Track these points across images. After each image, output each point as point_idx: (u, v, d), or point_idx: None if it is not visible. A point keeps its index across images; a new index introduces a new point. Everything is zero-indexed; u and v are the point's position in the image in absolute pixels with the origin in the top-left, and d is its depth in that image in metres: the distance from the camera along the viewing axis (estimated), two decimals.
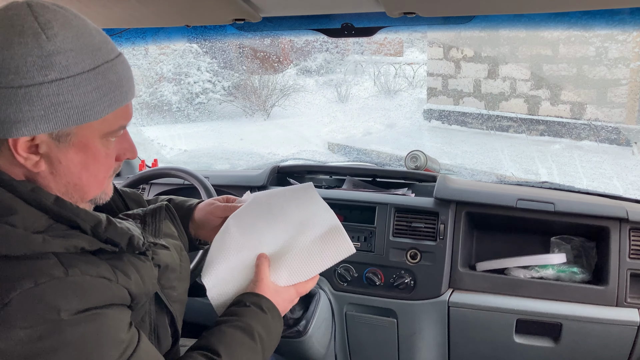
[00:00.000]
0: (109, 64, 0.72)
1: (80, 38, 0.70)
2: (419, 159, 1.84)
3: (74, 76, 0.68)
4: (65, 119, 0.68)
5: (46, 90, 0.66)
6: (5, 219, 0.67)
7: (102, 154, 0.76)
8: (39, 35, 0.66)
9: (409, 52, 10.72)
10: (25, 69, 0.65)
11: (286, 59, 10.36)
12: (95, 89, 0.70)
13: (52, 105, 0.67)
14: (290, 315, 1.58)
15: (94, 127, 0.73)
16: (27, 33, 0.66)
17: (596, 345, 1.47)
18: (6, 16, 0.68)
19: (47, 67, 0.66)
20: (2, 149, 0.71)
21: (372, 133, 7.94)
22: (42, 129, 0.68)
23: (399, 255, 1.61)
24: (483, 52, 7.70)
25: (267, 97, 9.19)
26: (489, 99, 7.69)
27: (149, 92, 8.95)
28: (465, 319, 1.56)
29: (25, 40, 0.66)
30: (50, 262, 0.66)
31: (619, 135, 6.54)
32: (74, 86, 0.68)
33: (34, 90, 0.66)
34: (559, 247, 1.57)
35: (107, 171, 0.79)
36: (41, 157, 0.71)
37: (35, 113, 0.67)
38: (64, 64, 0.67)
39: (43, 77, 0.66)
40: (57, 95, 0.67)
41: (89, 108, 0.70)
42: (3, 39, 0.66)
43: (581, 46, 6.71)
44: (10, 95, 0.66)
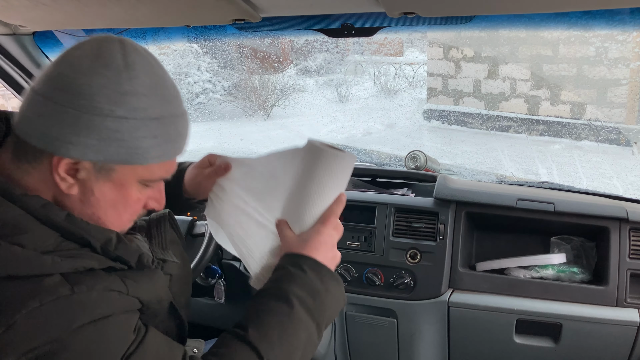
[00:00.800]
0: (173, 118, 0.74)
1: (156, 86, 0.72)
2: (419, 159, 1.84)
3: (138, 119, 0.70)
4: (115, 154, 0.70)
5: (108, 123, 0.68)
6: (14, 238, 0.66)
7: (134, 197, 0.77)
8: (121, 72, 0.69)
9: (409, 52, 10.72)
10: (97, 98, 0.67)
11: (286, 59, 10.36)
12: (152, 136, 0.72)
13: (107, 139, 0.69)
14: None
15: (136, 170, 0.74)
16: (112, 67, 0.69)
17: (596, 345, 1.47)
18: (98, 46, 0.70)
19: (118, 104, 0.68)
20: (42, 164, 0.71)
21: (372, 133, 7.94)
22: (90, 157, 0.69)
23: (399, 255, 1.61)
24: (483, 52, 7.70)
25: (267, 97, 9.19)
26: (489, 99, 7.69)
27: None
28: (465, 319, 1.56)
29: (108, 73, 0.68)
30: (56, 281, 0.66)
31: (619, 135, 6.54)
32: (134, 128, 0.70)
33: (98, 120, 0.68)
34: (559, 247, 1.57)
35: (133, 215, 0.80)
36: (77, 182, 0.72)
37: (89, 140, 0.68)
38: (134, 105, 0.69)
39: (110, 111, 0.68)
40: (116, 132, 0.69)
41: (140, 152, 0.71)
42: (88, 66, 0.68)
43: (581, 46, 6.72)
44: (74, 117, 0.67)
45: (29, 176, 0.72)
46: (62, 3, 1.06)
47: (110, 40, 0.71)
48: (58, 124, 0.68)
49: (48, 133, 0.68)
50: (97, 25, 1.32)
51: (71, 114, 0.67)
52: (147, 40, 1.67)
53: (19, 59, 1.48)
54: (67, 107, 0.67)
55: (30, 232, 0.67)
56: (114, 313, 0.69)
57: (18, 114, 0.72)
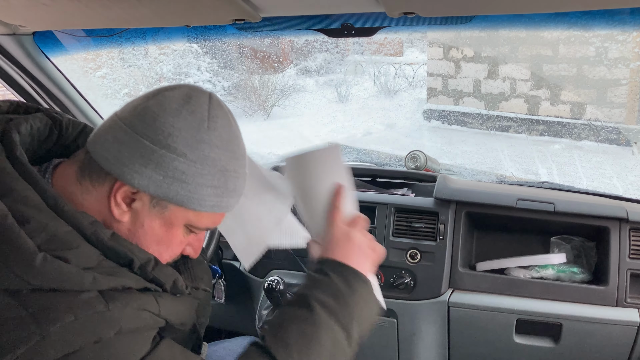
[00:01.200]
0: (235, 174, 0.78)
1: (230, 142, 0.76)
2: (419, 159, 1.84)
3: (205, 167, 0.73)
4: (174, 194, 0.73)
5: (177, 163, 0.71)
6: (60, 252, 0.67)
7: (178, 239, 0.79)
8: (203, 122, 0.73)
9: (409, 52, 10.73)
10: (175, 138, 0.71)
11: (286, 59, 10.36)
12: (212, 186, 0.75)
13: (172, 177, 0.72)
14: None
15: (188, 214, 0.76)
16: (197, 116, 0.73)
17: (596, 345, 1.47)
18: (189, 93, 0.74)
19: (192, 148, 0.72)
20: (103, 185, 0.73)
21: (372, 133, 7.95)
22: (151, 190, 0.72)
23: (399, 255, 1.61)
24: (483, 52, 7.70)
25: (267, 97, 9.20)
26: (489, 99, 7.69)
27: None
28: (465, 319, 1.56)
29: (192, 119, 0.72)
30: (93, 297, 0.67)
31: (619, 135, 6.55)
32: (199, 175, 0.73)
33: (169, 157, 0.71)
34: (559, 247, 1.57)
35: (171, 256, 0.82)
36: (130, 210, 0.74)
37: (155, 175, 0.71)
38: (205, 153, 0.73)
39: (183, 153, 0.71)
40: (182, 173, 0.72)
41: (197, 198, 0.74)
42: (175, 107, 0.72)
43: (581, 46, 6.72)
44: (148, 149, 0.70)
45: (88, 194, 0.74)
46: (62, 3, 1.06)
47: (201, 91, 0.76)
48: (130, 152, 0.71)
49: (120, 158, 0.71)
50: (97, 25, 1.32)
51: (146, 146, 0.70)
52: (147, 40, 1.67)
53: (19, 59, 1.48)
54: (144, 139, 0.71)
55: (76, 248, 0.68)
56: (140, 329, 0.71)
57: (95, 133, 0.75)
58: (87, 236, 0.70)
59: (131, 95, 8.87)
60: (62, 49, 1.57)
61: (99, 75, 8.53)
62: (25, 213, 0.66)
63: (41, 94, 1.60)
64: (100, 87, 8.31)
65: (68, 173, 0.75)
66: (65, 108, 1.66)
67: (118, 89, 8.76)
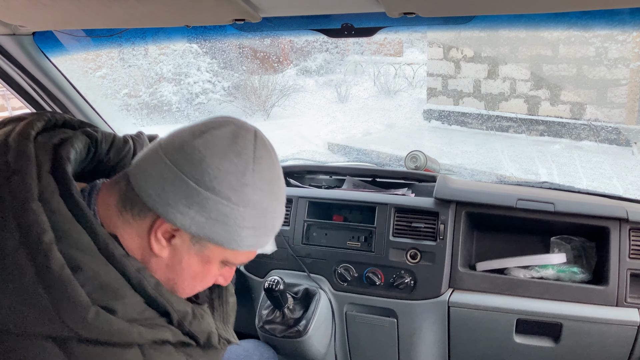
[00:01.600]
0: (274, 215, 0.78)
1: (272, 183, 0.76)
2: (419, 159, 1.84)
3: (248, 209, 0.73)
4: (215, 235, 0.73)
5: (221, 206, 0.72)
6: (109, 303, 0.67)
7: (213, 274, 0.81)
8: (248, 164, 0.73)
9: (409, 52, 10.73)
10: (220, 181, 0.71)
11: (286, 59, 10.36)
12: (252, 227, 0.75)
13: (215, 219, 0.72)
14: (290, 315, 1.58)
15: (226, 252, 0.77)
16: (243, 158, 0.73)
17: (596, 345, 1.47)
18: (236, 132, 0.74)
19: (236, 191, 0.72)
20: (144, 219, 0.74)
21: (372, 133, 7.94)
22: (192, 230, 0.72)
23: (399, 255, 1.61)
24: (483, 52, 7.70)
25: (267, 97, 9.19)
26: (488, 99, 7.69)
27: (149, 93, 8.94)
28: (465, 319, 1.56)
29: (238, 162, 0.72)
30: (132, 352, 0.69)
31: (619, 135, 6.54)
32: (241, 217, 0.73)
33: (213, 200, 0.71)
34: (559, 247, 1.57)
35: (204, 287, 0.83)
36: (169, 246, 0.75)
37: (197, 215, 0.71)
38: (249, 197, 0.73)
39: (227, 197, 0.72)
40: (225, 216, 0.72)
41: (237, 239, 0.75)
42: (222, 149, 0.72)
43: (581, 46, 6.72)
44: (193, 190, 0.71)
45: (129, 227, 0.74)
46: (62, 3, 1.06)
47: (247, 129, 0.76)
48: (175, 191, 0.71)
49: (163, 196, 0.71)
50: (97, 25, 1.32)
51: (191, 187, 0.71)
52: (147, 40, 1.67)
53: (19, 59, 1.48)
54: (190, 180, 0.71)
55: (123, 298, 0.69)
56: None
57: (138, 165, 0.75)
58: (133, 284, 0.70)
59: (131, 96, 8.89)
60: (62, 49, 1.57)
61: (99, 75, 8.53)
62: (78, 259, 0.66)
63: (41, 94, 1.60)
64: (100, 87, 8.31)
65: (110, 202, 0.75)
66: (65, 108, 1.65)
67: (118, 89, 8.76)
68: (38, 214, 0.66)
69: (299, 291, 1.64)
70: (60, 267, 0.64)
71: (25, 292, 0.64)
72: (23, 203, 0.66)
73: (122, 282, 0.70)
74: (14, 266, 0.64)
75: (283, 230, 1.72)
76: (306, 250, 1.70)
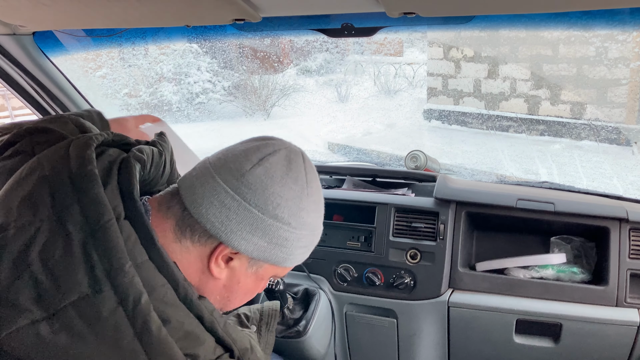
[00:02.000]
0: (320, 231, 0.82)
1: (319, 202, 0.80)
2: (419, 159, 1.84)
3: (304, 231, 0.77)
4: (274, 257, 0.76)
5: (282, 232, 0.74)
6: (193, 350, 0.69)
7: (262, 286, 0.84)
8: (304, 189, 0.76)
9: (409, 52, 10.73)
10: (282, 209, 0.74)
11: (286, 59, 10.36)
12: (304, 246, 0.79)
13: (275, 244, 0.75)
14: (290, 315, 1.58)
15: (278, 269, 0.81)
16: (299, 183, 0.76)
17: (596, 345, 1.47)
18: (289, 157, 0.77)
19: (295, 216, 0.75)
20: (205, 246, 0.75)
21: (372, 133, 7.94)
22: (253, 254, 0.75)
23: (399, 255, 1.61)
24: (483, 52, 7.70)
25: (267, 97, 9.20)
26: (489, 99, 7.69)
27: (149, 92, 8.94)
28: (465, 319, 1.56)
29: (295, 188, 0.75)
30: None
31: (619, 135, 6.54)
32: (298, 239, 0.77)
33: (275, 226, 0.74)
34: (559, 247, 1.57)
35: (251, 297, 0.86)
36: (227, 269, 0.77)
37: (260, 240, 0.74)
38: (305, 220, 0.76)
39: (288, 222, 0.75)
40: (285, 240, 0.75)
41: (291, 257, 0.78)
42: (281, 176, 0.74)
43: (581, 46, 6.72)
44: (257, 219, 0.73)
45: (188, 253, 0.75)
46: (62, 3, 1.06)
47: (296, 153, 0.79)
48: (239, 220, 0.72)
49: (227, 224, 0.72)
50: (97, 25, 1.32)
51: (255, 215, 0.73)
52: (147, 40, 1.67)
53: (19, 59, 1.48)
54: (254, 208, 0.72)
55: (203, 344, 0.71)
56: None
57: (193, 191, 0.74)
58: (207, 327, 0.72)
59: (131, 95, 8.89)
60: (62, 49, 1.57)
61: (99, 75, 8.54)
62: (166, 313, 0.67)
63: (41, 94, 1.60)
64: (100, 87, 8.31)
65: (165, 228, 0.75)
66: (65, 108, 1.66)
67: (118, 89, 8.77)
68: (132, 275, 0.65)
69: (298, 291, 1.64)
70: (158, 327, 0.65)
71: (124, 353, 0.64)
72: (114, 264, 0.65)
73: (201, 328, 0.71)
74: (112, 328, 0.64)
75: None
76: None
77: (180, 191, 0.76)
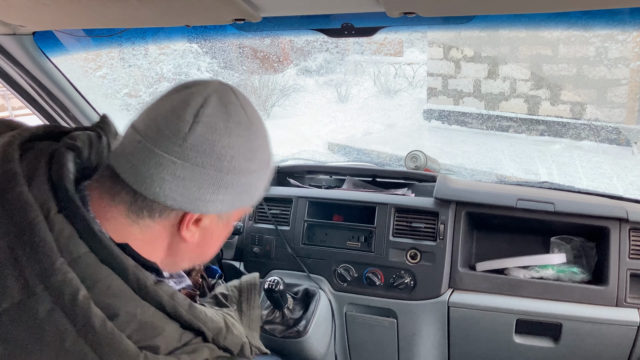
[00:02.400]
0: (273, 157, 0.79)
1: (265, 133, 0.76)
2: (419, 159, 1.84)
3: (263, 169, 0.75)
4: (241, 203, 0.74)
5: (244, 180, 0.72)
6: (152, 341, 0.65)
7: (232, 227, 0.82)
8: (249, 129, 0.72)
9: (409, 52, 10.73)
10: (237, 159, 0.70)
11: (286, 59, 10.37)
12: (266, 179, 0.77)
13: (240, 192, 0.72)
14: (290, 316, 1.58)
15: (245, 209, 0.79)
16: (243, 125, 0.71)
17: (596, 345, 1.47)
18: (221, 100, 0.71)
19: (251, 160, 0.72)
20: (168, 218, 0.72)
21: (372, 133, 7.95)
22: (224, 209, 0.73)
23: (399, 255, 1.61)
24: (483, 52, 7.70)
25: (267, 97, 9.20)
26: (489, 99, 7.69)
27: (149, 92, 8.94)
28: (465, 319, 1.56)
29: (242, 132, 0.71)
30: None
31: (619, 135, 6.55)
32: (259, 179, 0.75)
33: (236, 179, 0.71)
34: (559, 247, 1.57)
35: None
36: (198, 229, 0.74)
37: (227, 197, 0.71)
38: (261, 158, 0.74)
39: (247, 168, 0.71)
40: (249, 185, 0.73)
41: (257, 195, 0.77)
42: (224, 126, 0.69)
43: (581, 46, 6.72)
44: (215, 178, 0.69)
45: (150, 229, 0.72)
46: (62, 3, 1.06)
47: (226, 92, 0.72)
48: (198, 186, 0.69)
49: (187, 194, 0.69)
50: (97, 25, 1.32)
51: (212, 176, 0.69)
52: (147, 40, 1.67)
53: (19, 59, 1.48)
54: (209, 170, 0.69)
55: (162, 332, 0.67)
56: None
57: (136, 171, 0.69)
58: (168, 312, 0.68)
59: (131, 95, 8.89)
60: (62, 49, 1.57)
61: (99, 75, 8.53)
62: (113, 305, 0.63)
63: (41, 94, 1.60)
64: (100, 87, 8.31)
65: (115, 215, 0.70)
66: (65, 108, 1.66)
67: (118, 89, 8.77)
68: (65, 272, 0.61)
69: (298, 291, 1.64)
70: (101, 322, 0.61)
71: (70, 355, 0.60)
72: (44, 264, 0.61)
73: (160, 315, 0.67)
74: (53, 331, 0.60)
75: (283, 231, 1.72)
76: (306, 250, 1.70)
77: (120, 174, 0.69)
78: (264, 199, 1.77)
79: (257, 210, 1.79)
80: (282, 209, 1.75)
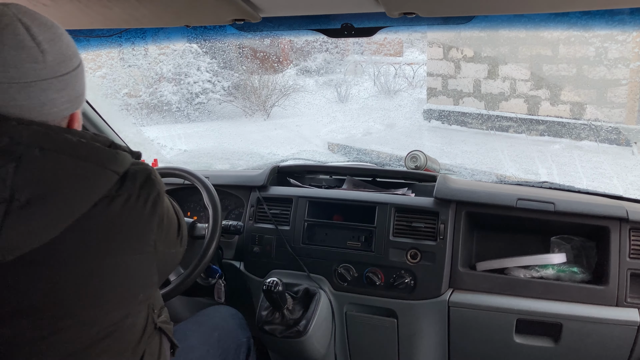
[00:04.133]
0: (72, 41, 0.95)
1: (71, 39, 0.92)
2: (419, 159, 1.84)
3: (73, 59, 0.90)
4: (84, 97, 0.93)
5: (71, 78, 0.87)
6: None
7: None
8: (44, 54, 0.85)
9: (408, 52, 10.74)
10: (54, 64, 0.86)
11: (286, 59, 10.37)
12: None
13: (76, 80, 0.89)
14: (290, 316, 1.58)
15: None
16: (26, 50, 0.84)
17: (596, 345, 1.47)
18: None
19: (64, 63, 0.88)
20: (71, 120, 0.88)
21: (372, 133, 7.95)
22: (80, 104, 0.91)
23: (399, 255, 1.61)
24: (483, 52, 7.70)
25: (267, 97, 9.20)
26: (488, 99, 7.69)
27: (149, 92, 8.95)
28: (465, 319, 1.56)
29: (25, 56, 0.83)
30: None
31: (619, 135, 6.55)
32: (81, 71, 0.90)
33: (71, 76, 0.86)
34: (559, 247, 1.57)
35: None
36: (77, 114, 0.92)
37: (72, 91, 0.87)
38: (75, 50, 0.93)
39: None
40: (78, 76, 0.90)
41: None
42: (9, 55, 0.80)
43: (581, 46, 6.72)
44: (49, 86, 0.82)
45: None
46: (62, 3, 1.06)
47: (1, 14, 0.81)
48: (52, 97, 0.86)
49: (47, 106, 0.85)
50: (97, 25, 1.32)
51: (63, 78, 0.86)
52: (147, 40, 1.67)
53: None
54: (40, 81, 0.83)
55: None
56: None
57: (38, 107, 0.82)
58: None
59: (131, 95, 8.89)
60: None
61: (99, 75, 8.53)
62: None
63: None
64: (100, 87, 8.30)
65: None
66: None
67: (118, 88, 8.77)
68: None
69: (299, 291, 1.64)
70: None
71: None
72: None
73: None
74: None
75: (283, 230, 1.72)
76: (306, 250, 1.70)
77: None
78: (264, 199, 1.77)
79: (258, 210, 1.79)
80: (282, 208, 1.75)
